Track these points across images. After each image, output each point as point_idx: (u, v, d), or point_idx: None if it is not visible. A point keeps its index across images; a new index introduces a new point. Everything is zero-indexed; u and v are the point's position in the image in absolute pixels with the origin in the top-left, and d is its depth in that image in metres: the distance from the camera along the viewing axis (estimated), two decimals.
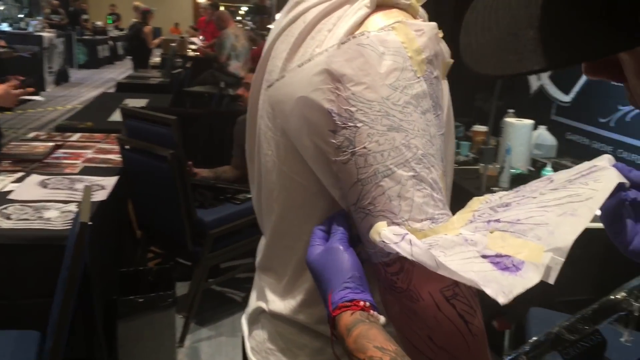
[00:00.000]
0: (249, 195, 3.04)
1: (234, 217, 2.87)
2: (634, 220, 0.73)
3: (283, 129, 0.79)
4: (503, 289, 0.56)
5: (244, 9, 18.75)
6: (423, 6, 0.80)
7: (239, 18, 16.60)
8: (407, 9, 0.75)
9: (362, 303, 0.65)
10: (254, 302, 0.98)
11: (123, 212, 2.95)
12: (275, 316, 0.89)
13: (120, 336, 2.25)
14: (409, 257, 0.62)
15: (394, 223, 0.67)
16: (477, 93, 3.89)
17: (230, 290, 3.34)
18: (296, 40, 0.77)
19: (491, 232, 0.63)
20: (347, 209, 0.75)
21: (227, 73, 6.45)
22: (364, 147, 0.68)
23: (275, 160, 0.82)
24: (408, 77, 0.69)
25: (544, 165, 2.73)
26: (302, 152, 0.77)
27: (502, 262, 0.60)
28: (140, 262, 2.98)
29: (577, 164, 2.62)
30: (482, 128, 3.29)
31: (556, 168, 2.66)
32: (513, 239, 0.61)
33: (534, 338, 1.27)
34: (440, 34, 0.76)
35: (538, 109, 3.43)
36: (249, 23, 14.30)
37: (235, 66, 6.48)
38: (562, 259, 0.58)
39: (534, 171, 2.81)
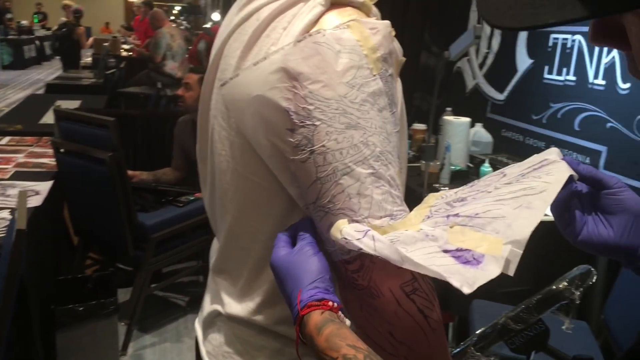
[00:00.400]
0: (192, 198, 2.99)
1: (176, 220, 2.81)
2: (581, 211, 0.75)
3: (238, 128, 0.77)
4: (467, 280, 0.57)
5: (177, 8, 18.40)
6: (375, 5, 0.81)
7: (172, 17, 16.28)
8: (360, 7, 0.76)
9: (330, 303, 0.65)
10: (208, 306, 0.96)
11: (59, 218, 2.84)
12: (232, 319, 0.88)
13: (59, 347, 2.16)
14: (372, 252, 0.63)
15: (354, 220, 0.68)
16: (416, 92, 3.97)
17: (174, 295, 3.27)
18: (250, 38, 0.76)
19: (451, 227, 0.65)
20: (305, 207, 0.74)
21: (163, 73, 6.31)
22: (323, 146, 0.68)
23: (230, 161, 0.81)
24: (364, 75, 0.69)
25: (482, 161, 2.82)
26: (258, 151, 0.76)
27: (463, 256, 0.61)
28: (78, 269, 2.88)
29: (512, 159, 2.73)
30: (422, 126, 3.36)
31: (493, 164, 2.75)
32: (472, 233, 0.63)
33: (481, 329, 1.31)
34: (393, 32, 0.77)
35: (474, 107, 3.54)
36: (184, 23, 14.05)
37: (172, 66, 6.35)
38: (520, 251, 0.60)
39: (473, 167, 2.89)
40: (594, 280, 1.31)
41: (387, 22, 0.75)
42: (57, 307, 2.14)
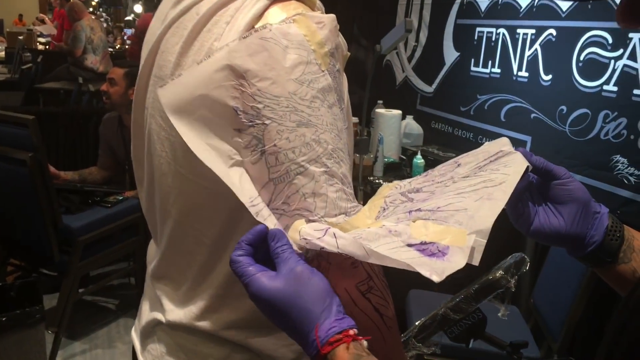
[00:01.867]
0: (120, 198, 2.88)
1: (104, 222, 2.69)
2: (532, 202, 0.77)
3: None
4: (435, 269, 0.57)
5: None
6: None
7: (91, 9, 15.67)
8: (304, 1, 0.74)
9: (351, 332, 0.59)
10: (146, 314, 0.92)
11: None
12: (173, 326, 0.84)
13: None
14: (335, 250, 0.61)
15: (310, 220, 0.66)
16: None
17: (103, 298, 3.15)
18: (190, 33, 0.72)
19: (413, 222, 0.64)
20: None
21: (84, 68, 6.04)
22: (274, 145, 0.66)
23: (171, 162, 0.77)
24: (313, 71, 0.68)
25: (415, 153, 2.87)
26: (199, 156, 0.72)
27: (428, 249, 0.60)
28: None
29: (443, 151, 2.76)
30: (354, 120, 3.37)
31: (425, 156, 2.80)
32: (435, 226, 0.62)
33: (421, 320, 1.33)
34: (338, 27, 0.75)
35: (404, 99, 3.59)
36: (103, 14, 13.55)
37: (93, 60, 6.09)
38: (484, 240, 0.60)
39: (405, 160, 2.94)
40: (527, 268, 1.36)
41: (333, 15, 0.74)
42: None
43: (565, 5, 2.38)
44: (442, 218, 0.63)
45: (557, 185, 0.76)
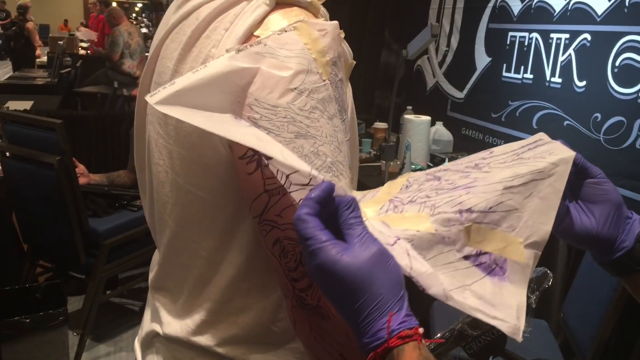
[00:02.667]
0: None
1: (130, 225, 2.72)
2: (564, 199, 0.72)
3: (177, 135, 0.72)
4: (509, 317, 0.56)
5: (139, 5, 18.12)
6: (324, 5, 0.76)
7: (134, 15, 16.04)
8: (307, 7, 0.72)
9: (421, 331, 0.54)
10: (147, 324, 0.91)
11: (6, 226, 2.72)
12: (170, 340, 0.82)
13: None
14: (408, 272, 0.56)
15: None
16: (377, 90, 3.95)
17: (130, 301, 3.18)
18: (189, 40, 0.70)
19: (466, 226, 0.60)
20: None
21: (121, 72, 6.16)
22: (271, 157, 0.63)
23: (169, 171, 0.75)
24: (314, 80, 0.65)
25: (443, 160, 2.80)
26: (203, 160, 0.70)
27: (486, 263, 0.58)
28: (28, 278, 2.76)
29: None
30: (383, 125, 3.33)
31: None
32: (489, 232, 0.60)
33: (438, 335, 1.28)
34: (342, 34, 0.72)
35: (434, 105, 3.53)
36: (145, 20, 13.83)
37: (130, 65, 6.21)
38: (540, 253, 0.58)
39: (433, 166, 2.87)
40: (549, 284, 1.30)
41: (336, 22, 0.70)
42: (2, 319, 2.04)
43: (600, 9, 2.29)
44: (494, 222, 0.60)
45: (592, 184, 0.73)
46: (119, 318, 3.01)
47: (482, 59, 3.12)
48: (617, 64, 2.20)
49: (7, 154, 2.60)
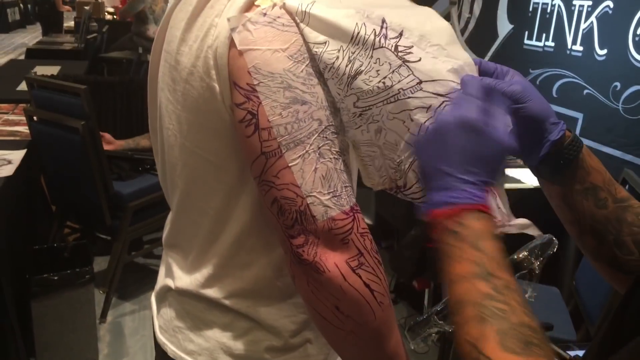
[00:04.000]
0: None
1: (153, 189, 2.78)
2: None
3: (185, 101, 0.76)
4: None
5: None
6: None
7: None
8: None
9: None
10: (162, 280, 0.97)
11: (35, 187, 2.82)
12: (181, 293, 0.88)
13: (35, 316, 2.17)
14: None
15: (298, 195, 0.67)
16: None
17: (154, 262, 3.27)
18: (194, 10, 0.74)
19: None
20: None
21: (147, 38, 6.17)
22: (268, 120, 0.67)
23: (177, 135, 0.79)
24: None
25: None
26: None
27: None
28: (56, 238, 2.87)
29: None
30: None
31: None
32: None
33: (445, 298, 1.32)
34: None
35: None
36: None
37: (154, 30, 6.16)
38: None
39: None
40: (554, 250, 1.32)
41: None
42: (32, 276, 2.14)
43: None
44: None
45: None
46: (144, 278, 3.11)
47: (504, 26, 3.08)
48: (638, 32, 2.16)
49: (35, 118, 2.67)
